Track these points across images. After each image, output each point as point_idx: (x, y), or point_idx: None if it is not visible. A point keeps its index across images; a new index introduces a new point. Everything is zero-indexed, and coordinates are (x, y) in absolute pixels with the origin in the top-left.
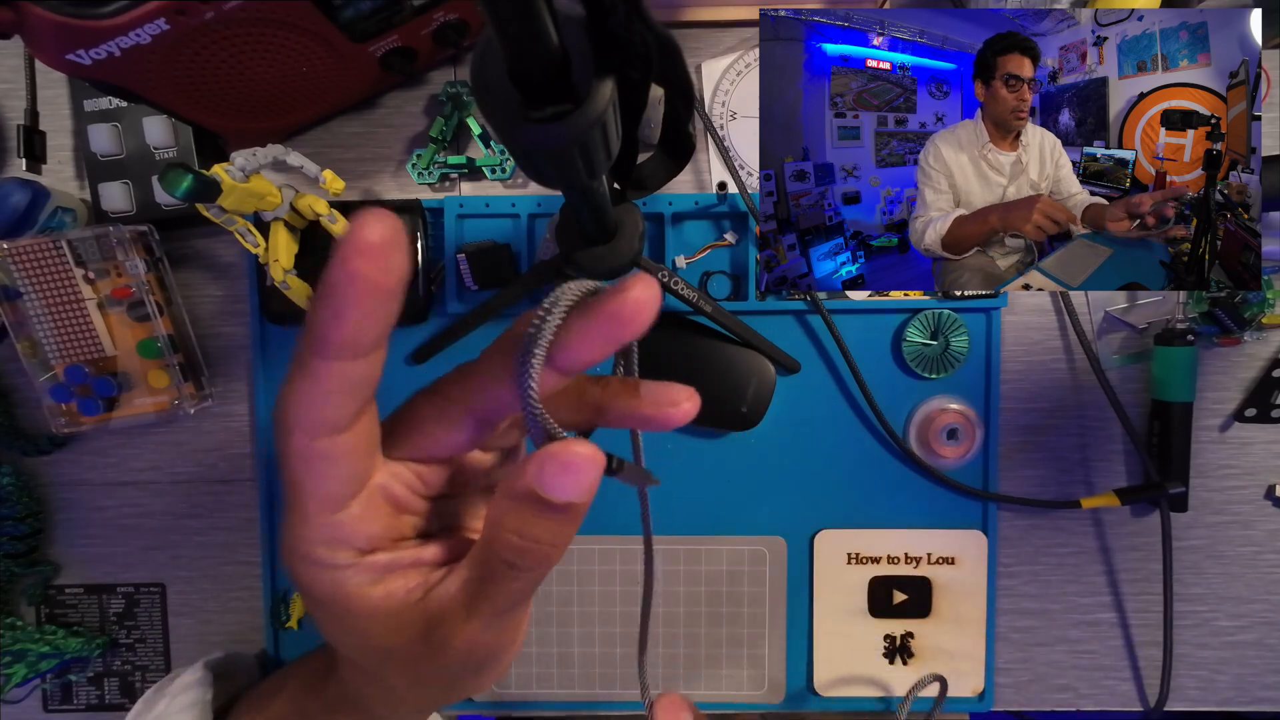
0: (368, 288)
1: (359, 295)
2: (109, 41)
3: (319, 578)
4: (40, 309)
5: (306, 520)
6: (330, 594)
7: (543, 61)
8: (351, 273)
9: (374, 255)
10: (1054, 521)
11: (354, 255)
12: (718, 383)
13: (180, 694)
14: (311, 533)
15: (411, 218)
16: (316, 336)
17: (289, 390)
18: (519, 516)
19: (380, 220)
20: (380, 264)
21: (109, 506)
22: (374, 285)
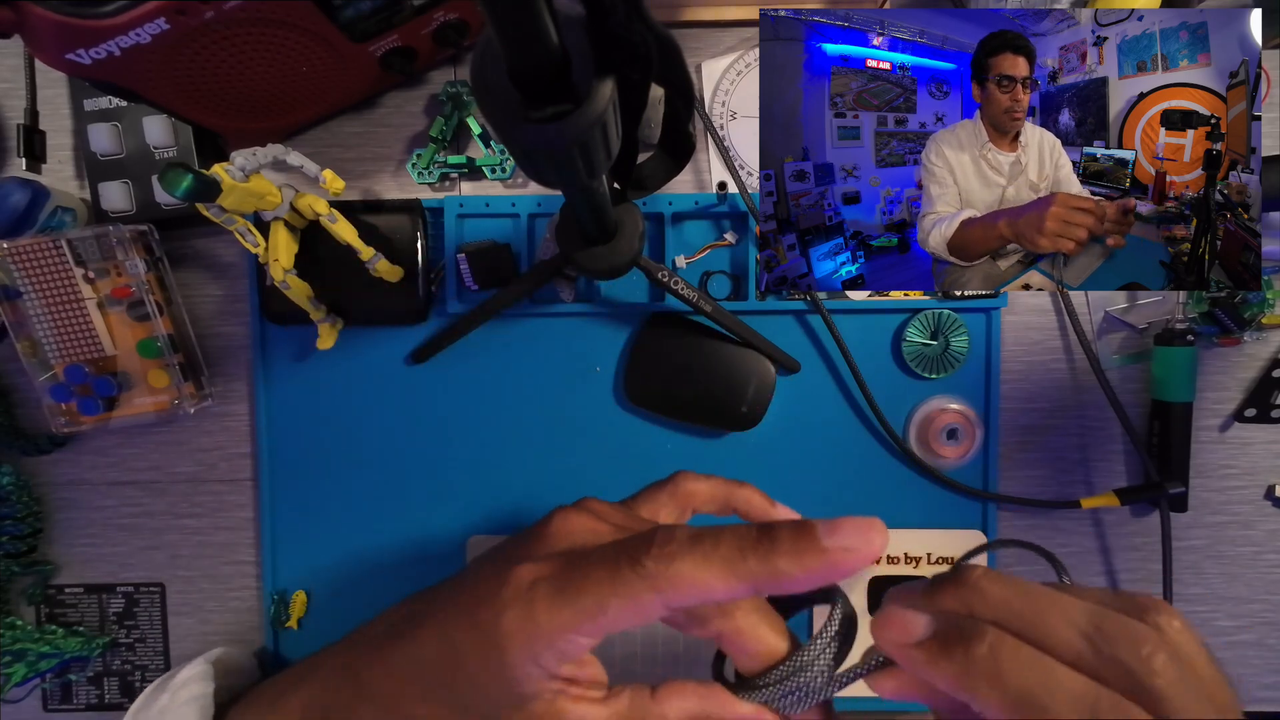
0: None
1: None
2: (109, 41)
3: (521, 664)
4: (40, 309)
5: (568, 630)
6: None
7: (543, 61)
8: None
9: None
10: (1054, 521)
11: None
12: (718, 383)
13: (182, 689)
14: (559, 639)
15: (411, 218)
16: (775, 581)
17: (699, 579)
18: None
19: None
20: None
21: (109, 506)
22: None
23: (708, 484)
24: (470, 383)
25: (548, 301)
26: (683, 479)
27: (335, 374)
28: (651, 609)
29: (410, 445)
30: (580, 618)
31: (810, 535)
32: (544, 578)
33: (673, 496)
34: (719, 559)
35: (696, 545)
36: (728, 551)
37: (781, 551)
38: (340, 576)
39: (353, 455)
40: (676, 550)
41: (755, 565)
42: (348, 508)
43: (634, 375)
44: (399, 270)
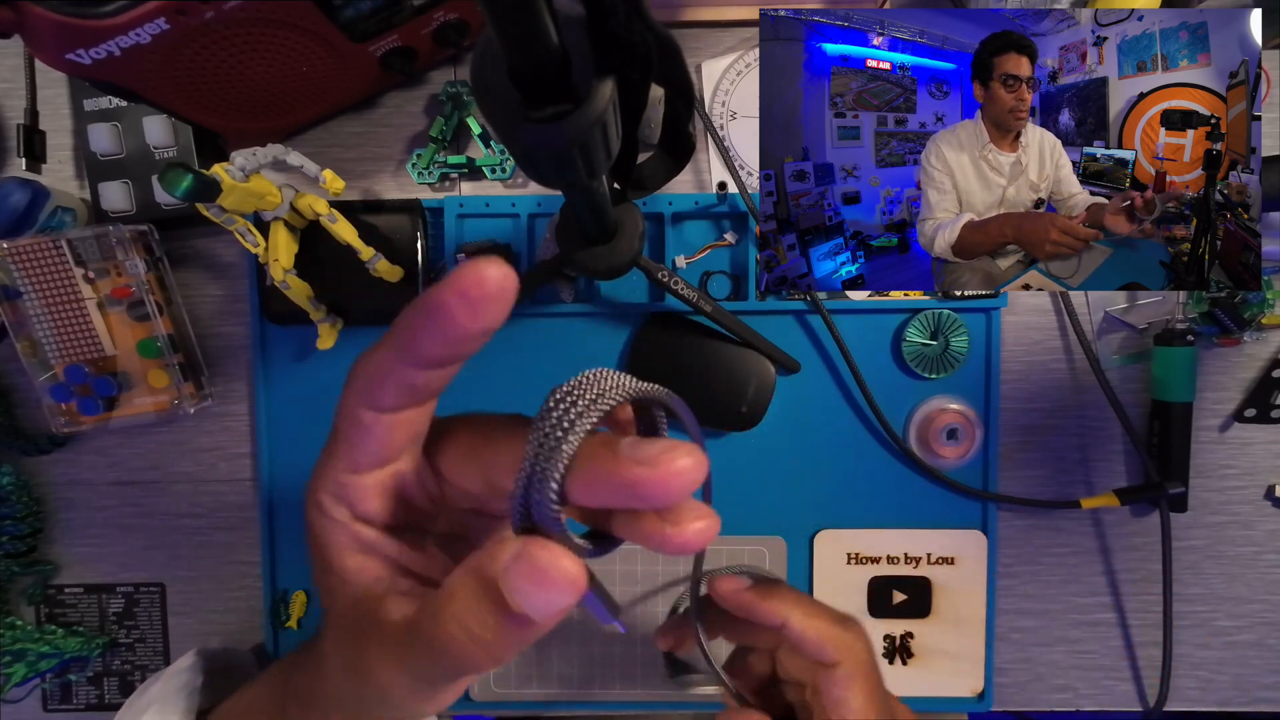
0: (456, 327)
1: (448, 330)
2: (109, 41)
3: (315, 519)
4: (40, 309)
5: (328, 468)
6: (317, 537)
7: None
8: (449, 307)
9: (475, 304)
10: (1054, 521)
11: (456, 293)
12: (718, 383)
13: (173, 678)
14: (326, 480)
15: (411, 218)
16: (398, 337)
17: (365, 360)
18: (469, 607)
19: (498, 268)
20: (477, 313)
21: (109, 506)
22: (463, 327)
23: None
24: (470, 383)
25: (548, 301)
26: None
27: (335, 374)
28: (361, 417)
29: None
30: (329, 456)
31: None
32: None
33: None
34: (375, 344)
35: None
36: (384, 337)
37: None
38: None
39: None
40: (358, 357)
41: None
42: None
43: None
44: (399, 270)
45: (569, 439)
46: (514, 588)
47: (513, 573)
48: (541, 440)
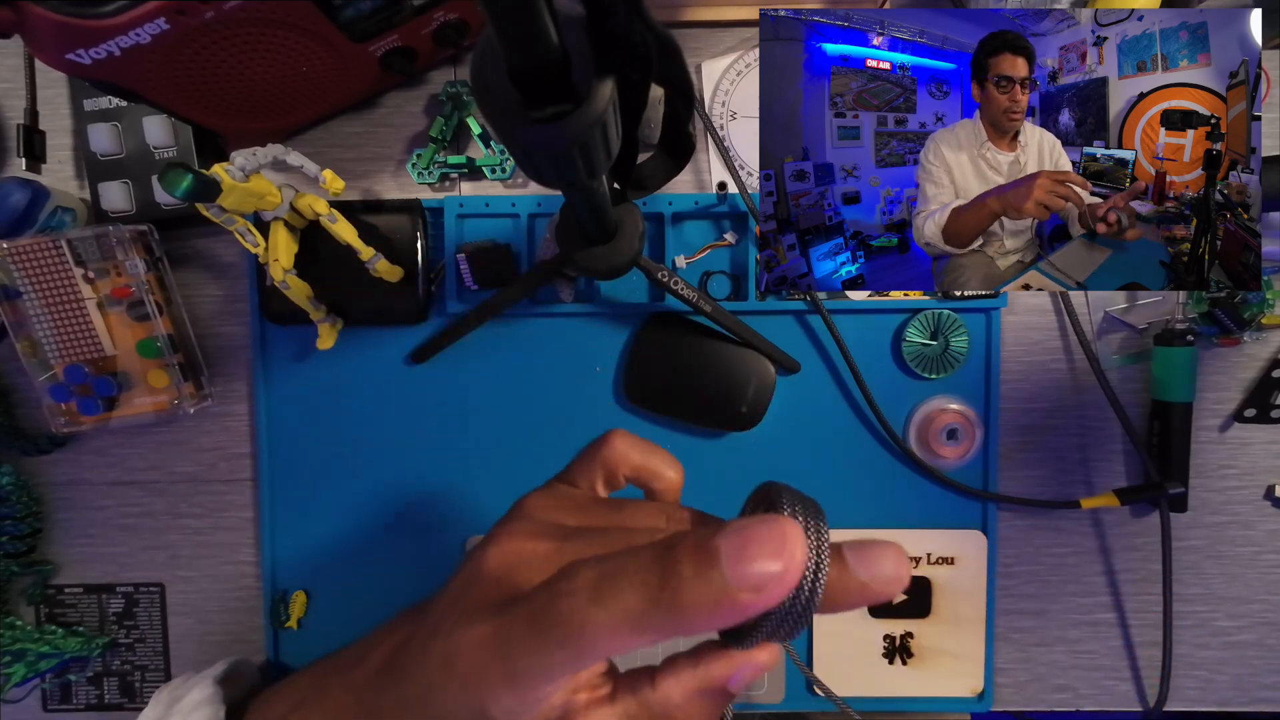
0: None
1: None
2: (109, 41)
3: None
4: (40, 309)
5: (538, 696)
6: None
7: (543, 61)
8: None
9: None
10: (1054, 522)
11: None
12: (718, 383)
13: (193, 711)
14: (530, 698)
15: (411, 218)
16: (678, 621)
17: (613, 636)
18: (707, 710)
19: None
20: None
21: (108, 506)
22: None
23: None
24: (470, 383)
25: (548, 301)
26: (613, 443)
27: (335, 374)
28: (582, 665)
29: (410, 445)
30: (526, 680)
31: (710, 560)
32: (487, 644)
33: (603, 466)
34: (622, 613)
35: (597, 601)
36: (630, 601)
37: (684, 594)
38: (340, 576)
39: (353, 455)
40: (582, 611)
41: (661, 617)
42: (348, 508)
43: (634, 375)
44: (399, 270)
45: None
46: (737, 683)
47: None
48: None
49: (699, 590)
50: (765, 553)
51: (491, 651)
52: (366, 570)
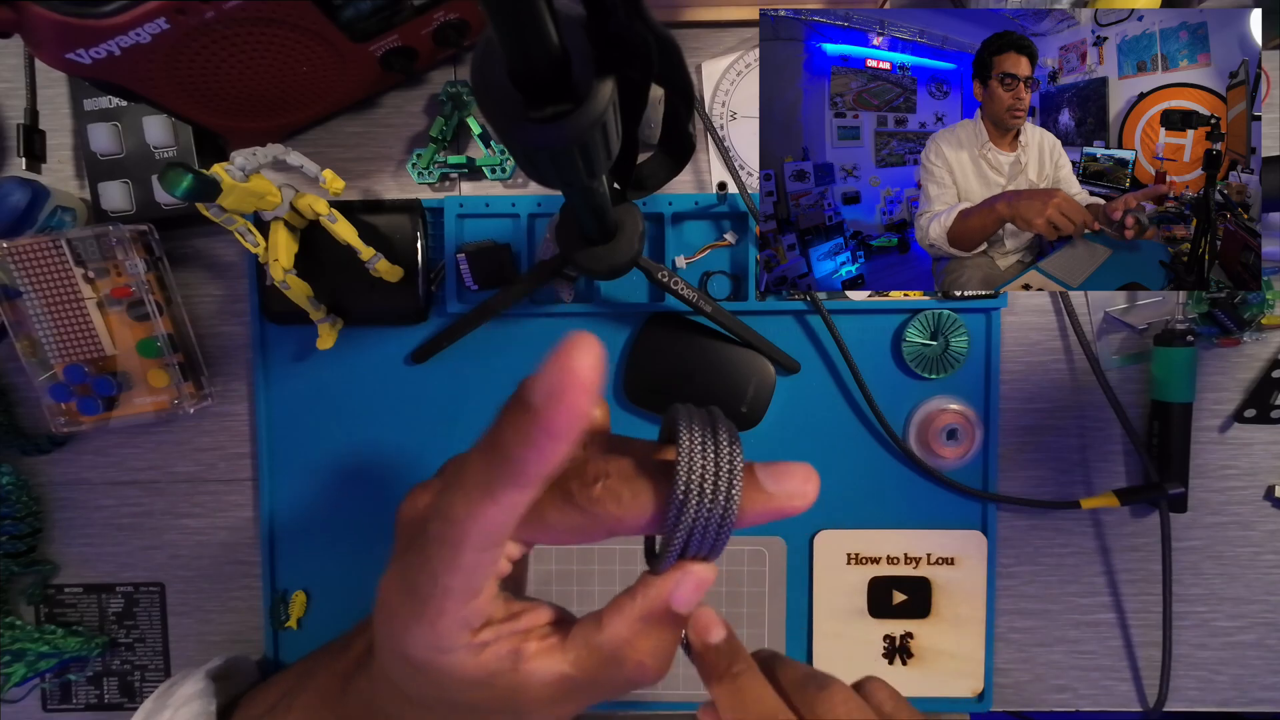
0: (574, 424)
1: (568, 429)
2: (109, 41)
3: (430, 657)
4: (40, 308)
5: (442, 614)
6: (431, 668)
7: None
8: (569, 407)
9: (586, 389)
10: (1053, 522)
11: (569, 388)
12: (718, 383)
13: (183, 706)
14: (438, 623)
15: (411, 218)
16: (514, 467)
17: (470, 509)
18: (655, 638)
19: (592, 349)
20: (589, 397)
21: (108, 506)
22: (580, 422)
23: None
24: (470, 383)
25: (548, 301)
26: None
27: (335, 374)
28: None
29: (410, 445)
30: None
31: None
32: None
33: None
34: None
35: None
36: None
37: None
38: (340, 576)
39: (353, 455)
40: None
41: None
42: (348, 508)
43: (634, 375)
44: (399, 270)
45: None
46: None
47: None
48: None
49: (513, 427)
50: (554, 367)
51: (396, 587)
52: (366, 570)
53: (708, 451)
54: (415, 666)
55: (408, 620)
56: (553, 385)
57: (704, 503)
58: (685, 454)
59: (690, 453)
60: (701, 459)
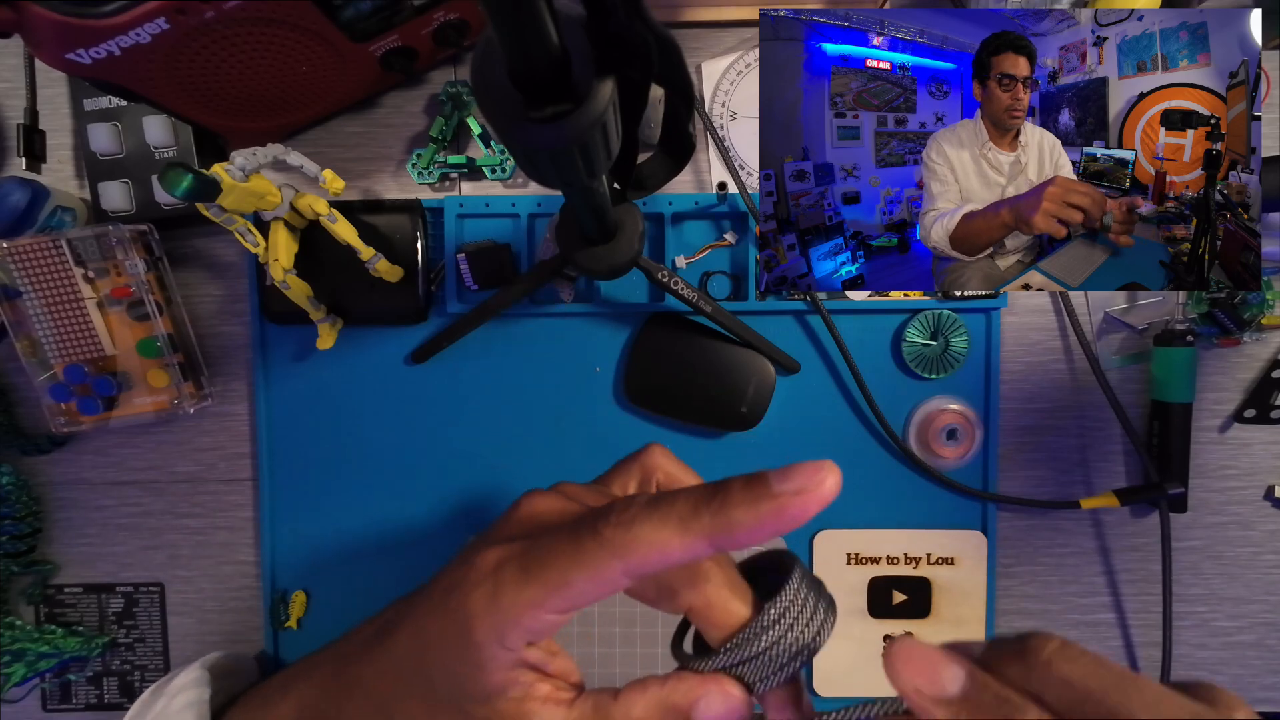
0: (793, 527)
1: (786, 526)
2: (109, 41)
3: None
4: (40, 308)
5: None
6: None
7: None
8: (805, 517)
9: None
10: (1053, 522)
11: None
12: (718, 383)
13: (178, 694)
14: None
15: (411, 218)
16: (730, 534)
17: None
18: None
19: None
20: (812, 515)
21: (108, 506)
22: (792, 528)
23: (669, 462)
24: (470, 383)
25: (548, 301)
26: (652, 452)
27: (335, 374)
28: (613, 576)
29: (410, 445)
30: (545, 591)
31: (762, 482)
32: (509, 558)
33: (642, 469)
34: (674, 517)
35: (653, 507)
36: (683, 509)
37: (734, 502)
38: (340, 576)
39: (353, 455)
40: (634, 515)
41: (709, 519)
42: (348, 508)
43: (634, 375)
44: (399, 270)
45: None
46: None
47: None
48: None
49: (748, 497)
50: (807, 472)
51: (514, 565)
52: (366, 570)
53: (809, 601)
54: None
55: (509, 599)
56: (804, 486)
57: (787, 635)
58: (793, 588)
59: (794, 593)
60: (802, 602)
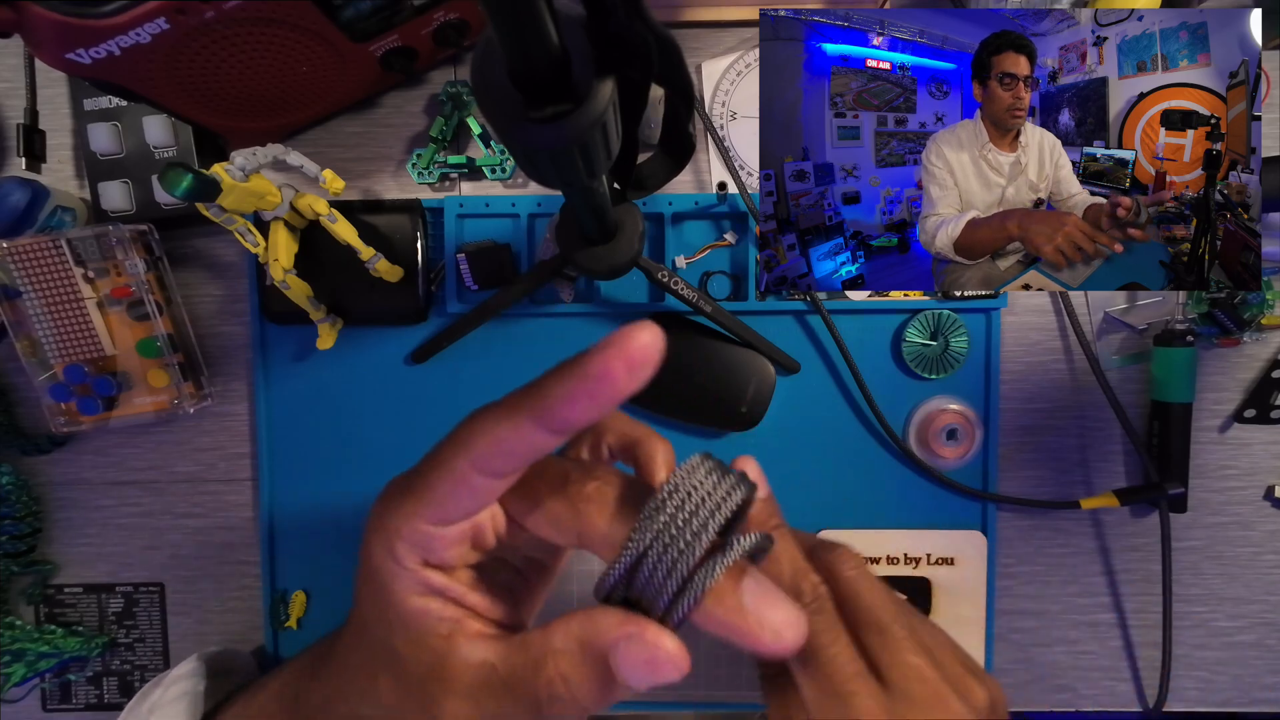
0: (614, 392)
1: (604, 396)
2: (109, 41)
3: (383, 563)
4: (40, 308)
5: (409, 517)
6: (383, 582)
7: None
8: (612, 374)
9: (635, 368)
10: (1053, 522)
11: (620, 360)
12: (718, 383)
13: (173, 684)
14: (405, 529)
15: (411, 218)
16: (547, 407)
17: (489, 424)
18: (574, 668)
19: (652, 334)
20: (635, 378)
21: (108, 506)
22: (620, 392)
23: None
24: (470, 383)
25: (548, 301)
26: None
27: (335, 374)
28: (466, 474)
29: (410, 445)
30: (416, 502)
31: (576, 357)
32: (393, 482)
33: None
34: (503, 405)
35: (494, 405)
36: (511, 397)
37: (549, 376)
38: (340, 576)
39: (353, 455)
40: (479, 414)
41: (527, 397)
42: (348, 508)
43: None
44: (399, 270)
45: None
46: (624, 663)
47: (624, 651)
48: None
49: (559, 378)
50: (619, 333)
51: (394, 485)
52: None
53: (699, 484)
54: (372, 576)
55: (384, 508)
56: (610, 343)
57: (685, 504)
58: (676, 475)
59: (681, 475)
60: (687, 488)
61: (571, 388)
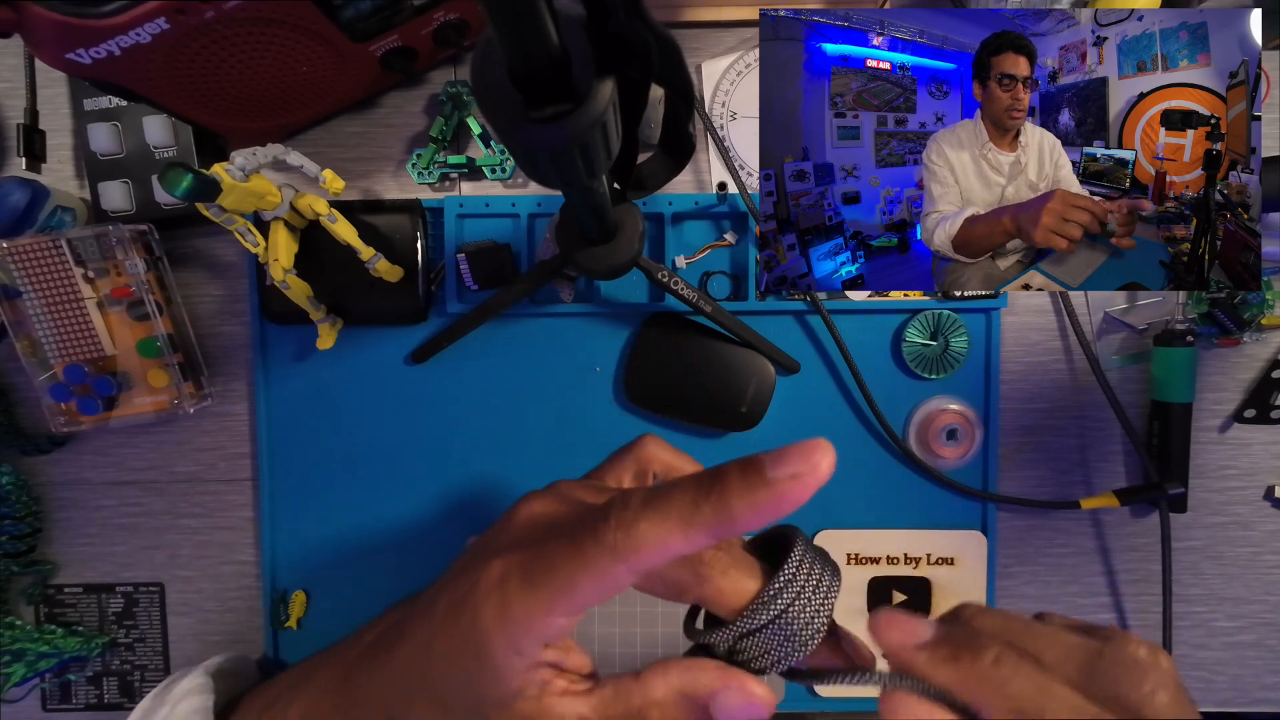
0: (794, 509)
1: (786, 513)
2: (109, 41)
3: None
4: (40, 308)
5: (546, 613)
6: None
7: (543, 61)
8: (801, 499)
9: (817, 487)
10: (1053, 522)
11: (810, 489)
12: (718, 383)
13: (181, 701)
14: (538, 623)
15: (411, 218)
16: (732, 524)
17: (659, 533)
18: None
19: (833, 459)
20: (810, 495)
21: (108, 506)
22: (790, 510)
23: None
24: (470, 383)
25: (548, 301)
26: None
27: (335, 374)
28: (619, 577)
29: (410, 445)
30: (554, 598)
31: (757, 470)
32: (513, 568)
33: (636, 461)
34: (674, 514)
35: (651, 505)
36: (681, 504)
37: (732, 492)
38: (340, 576)
39: (353, 455)
40: (633, 514)
41: (709, 512)
42: (348, 508)
43: (634, 375)
44: (399, 270)
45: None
46: (724, 710)
47: (724, 699)
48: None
49: (743, 485)
50: (801, 454)
51: (518, 574)
52: (366, 570)
53: (813, 571)
54: (484, 661)
55: (509, 598)
56: (798, 470)
57: (796, 601)
58: (798, 556)
59: (799, 562)
60: (806, 573)
61: (762, 510)
